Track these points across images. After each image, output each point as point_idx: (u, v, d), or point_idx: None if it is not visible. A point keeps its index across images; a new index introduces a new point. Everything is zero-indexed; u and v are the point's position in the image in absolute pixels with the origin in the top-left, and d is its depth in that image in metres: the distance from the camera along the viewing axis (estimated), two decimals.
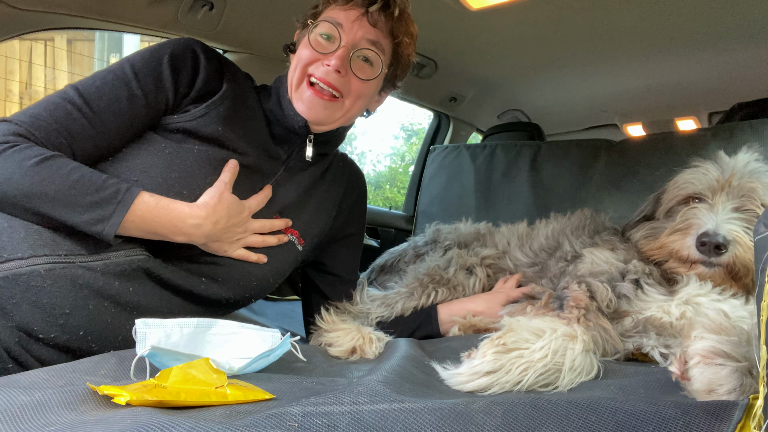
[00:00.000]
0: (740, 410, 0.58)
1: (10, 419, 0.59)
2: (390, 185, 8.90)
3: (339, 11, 1.17)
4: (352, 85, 1.17)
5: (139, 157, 1.05)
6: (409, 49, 1.27)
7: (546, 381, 0.81)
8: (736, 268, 1.05)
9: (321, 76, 1.14)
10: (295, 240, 1.24)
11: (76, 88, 1.02)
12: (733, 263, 1.05)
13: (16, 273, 0.88)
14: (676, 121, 3.10)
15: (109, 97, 1.03)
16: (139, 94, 1.05)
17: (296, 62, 1.18)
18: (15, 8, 1.35)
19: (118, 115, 1.03)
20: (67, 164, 0.94)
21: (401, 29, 1.21)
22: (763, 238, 0.57)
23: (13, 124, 0.96)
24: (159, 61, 1.08)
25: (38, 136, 0.96)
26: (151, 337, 0.82)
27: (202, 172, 1.07)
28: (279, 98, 1.22)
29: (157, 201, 0.98)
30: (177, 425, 0.54)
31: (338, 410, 0.60)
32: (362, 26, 1.16)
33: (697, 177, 1.18)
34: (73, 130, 1.00)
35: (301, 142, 1.24)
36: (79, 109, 1.00)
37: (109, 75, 1.05)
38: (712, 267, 1.07)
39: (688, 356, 0.73)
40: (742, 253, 1.04)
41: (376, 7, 1.16)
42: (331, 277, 1.38)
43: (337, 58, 1.13)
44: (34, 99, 3.76)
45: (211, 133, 1.10)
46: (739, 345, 0.70)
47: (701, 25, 1.91)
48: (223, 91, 1.14)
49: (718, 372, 0.68)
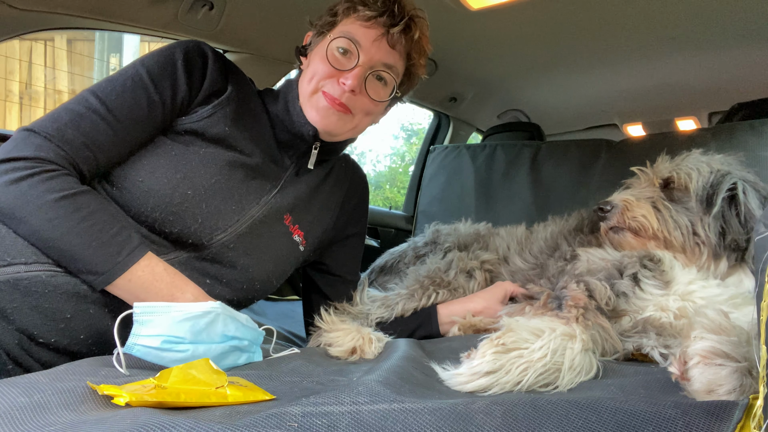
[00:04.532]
0: (740, 410, 0.58)
1: (10, 420, 0.59)
2: (390, 185, 8.90)
3: (359, 27, 1.13)
4: (364, 103, 1.16)
5: (146, 159, 1.04)
6: (422, 69, 1.26)
7: (546, 380, 0.81)
8: (632, 226, 1.21)
9: (335, 96, 1.13)
10: (299, 240, 1.24)
11: (97, 95, 1.00)
12: (621, 223, 1.23)
13: (18, 277, 0.88)
14: (676, 121, 3.11)
15: (130, 104, 1.02)
16: (158, 100, 1.04)
17: (311, 74, 1.15)
18: (15, 8, 1.35)
19: (139, 122, 1.03)
20: (87, 206, 0.92)
21: (418, 50, 1.20)
22: (763, 238, 0.57)
23: (42, 137, 0.93)
24: (174, 65, 1.07)
25: (67, 150, 0.94)
26: (149, 323, 0.82)
27: (207, 172, 1.07)
28: (287, 104, 1.20)
29: (165, 267, 0.97)
30: (177, 425, 0.54)
31: (338, 410, 0.60)
32: (381, 48, 1.14)
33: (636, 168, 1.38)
34: (99, 140, 0.98)
35: (306, 148, 1.23)
36: (104, 119, 0.99)
37: (128, 81, 1.03)
38: (618, 232, 1.24)
39: (687, 357, 0.73)
40: (626, 212, 1.22)
41: (398, 30, 1.13)
42: (332, 277, 1.38)
43: (353, 77, 1.11)
44: (34, 99, 3.77)
45: (218, 133, 1.10)
46: (739, 345, 0.70)
47: (701, 25, 1.91)
48: (229, 93, 1.14)
49: (718, 372, 0.69)
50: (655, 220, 1.19)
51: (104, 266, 0.91)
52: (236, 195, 1.11)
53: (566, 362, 0.83)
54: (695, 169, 1.21)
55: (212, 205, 1.07)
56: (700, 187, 1.19)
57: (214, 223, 1.07)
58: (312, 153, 1.24)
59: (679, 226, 1.18)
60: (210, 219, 1.06)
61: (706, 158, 1.25)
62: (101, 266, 0.91)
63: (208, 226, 1.06)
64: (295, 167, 1.24)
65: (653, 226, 1.18)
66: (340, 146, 1.30)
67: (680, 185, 1.21)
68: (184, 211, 1.04)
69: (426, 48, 1.23)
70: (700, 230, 1.16)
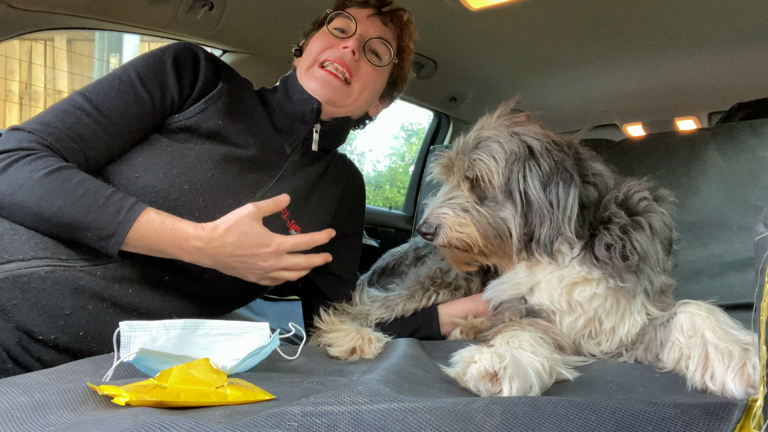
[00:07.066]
0: (739, 410, 0.58)
1: (10, 420, 0.59)
2: (390, 185, 8.88)
3: (354, 8, 1.28)
4: (362, 70, 1.24)
5: (142, 156, 1.06)
6: (410, 57, 1.39)
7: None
8: (460, 246, 1.11)
9: (335, 57, 1.20)
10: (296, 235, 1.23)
11: (83, 94, 1.03)
12: (449, 243, 1.11)
13: (16, 274, 0.88)
14: (676, 121, 3.11)
15: (117, 100, 1.04)
16: (146, 97, 1.07)
17: (308, 54, 1.26)
18: (15, 8, 1.35)
19: (126, 117, 1.05)
20: (75, 176, 0.94)
21: (407, 34, 1.33)
22: (763, 239, 0.57)
23: (26, 132, 0.96)
24: (162, 64, 1.10)
25: (51, 141, 0.96)
26: (136, 340, 0.79)
27: (203, 167, 1.08)
28: (287, 88, 1.27)
29: (163, 220, 0.96)
30: (177, 425, 0.54)
31: (338, 410, 0.60)
32: (374, 22, 1.27)
33: (434, 163, 1.21)
34: (85, 134, 1.00)
35: (307, 132, 1.25)
36: (89, 114, 1.01)
37: (115, 80, 1.06)
38: (449, 248, 1.13)
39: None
40: (450, 232, 1.10)
41: (388, 9, 1.29)
42: (331, 277, 1.38)
43: (353, 41, 1.22)
44: (34, 99, 3.76)
45: (212, 127, 1.11)
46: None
47: (701, 25, 1.91)
48: (220, 88, 1.16)
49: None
50: (479, 238, 1.09)
51: (110, 228, 0.91)
52: (232, 189, 1.11)
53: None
54: (492, 158, 1.09)
55: (209, 199, 1.07)
56: (502, 182, 1.07)
57: (212, 217, 1.07)
58: (313, 137, 1.26)
59: (498, 234, 1.09)
60: (207, 213, 1.07)
61: (504, 135, 1.11)
62: (107, 228, 0.91)
63: (205, 220, 1.06)
64: (296, 154, 1.24)
65: (479, 244, 1.10)
66: (340, 129, 1.32)
67: (485, 182, 1.10)
68: (180, 206, 1.04)
69: (414, 36, 1.36)
70: (513, 231, 1.07)
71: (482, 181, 1.09)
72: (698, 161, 1.87)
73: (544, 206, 1.05)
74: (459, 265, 1.23)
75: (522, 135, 1.10)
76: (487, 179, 1.09)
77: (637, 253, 1.01)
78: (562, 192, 1.04)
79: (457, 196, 1.12)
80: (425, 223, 1.13)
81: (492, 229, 1.09)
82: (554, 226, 1.04)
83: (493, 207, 1.10)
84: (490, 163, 1.08)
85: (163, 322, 0.83)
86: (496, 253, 1.12)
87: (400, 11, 1.32)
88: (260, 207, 1.02)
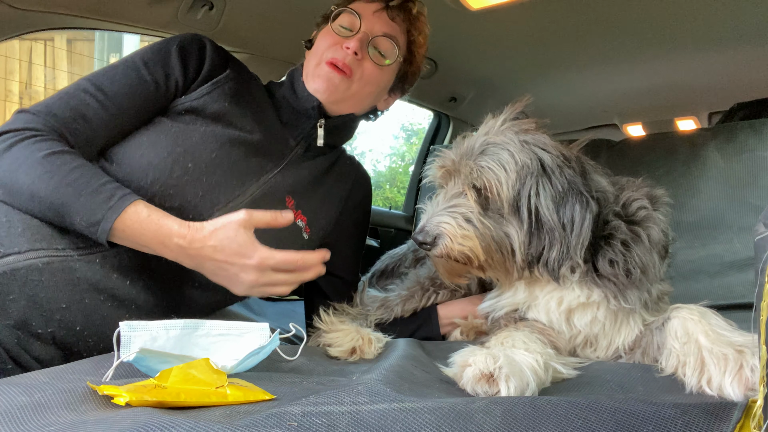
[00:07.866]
0: (739, 410, 0.58)
1: (10, 420, 0.59)
2: (390, 185, 8.88)
3: (359, 4, 1.24)
4: (365, 69, 1.22)
5: (146, 136, 1.07)
6: (422, 50, 1.34)
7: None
8: (460, 258, 1.04)
9: (338, 57, 1.19)
10: (303, 226, 1.23)
11: (89, 78, 1.06)
12: (448, 255, 1.04)
13: (14, 267, 0.88)
14: (676, 121, 3.10)
15: (120, 83, 1.06)
16: (149, 80, 1.09)
17: (315, 51, 1.24)
18: (15, 8, 1.35)
19: (129, 97, 1.07)
20: (74, 161, 0.94)
21: (417, 28, 1.29)
22: (763, 239, 0.57)
23: (31, 114, 0.99)
24: (168, 51, 1.12)
25: (55, 122, 0.99)
26: (136, 340, 0.79)
27: (207, 147, 1.08)
28: (293, 83, 1.26)
29: (150, 213, 0.94)
30: (177, 425, 0.54)
31: (338, 410, 0.60)
32: (381, 18, 1.23)
33: (433, 164, 1.13)
34: (88, 115, 1.02)
35: (311, 127, 1.25)
36: (93, 95, 1.04)
37: (120, 66, 1.09)
38: (447, 259, 1.06)
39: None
40: (450, 243, 1.02)
41: (396, 2, 1.23)
42: (334, 278, 1.38)
43: (356, 40, 1.19)
44: (34, 99, 3.76)
45: (218, 110, 1.12)
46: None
47: (701, 25, 1.91)
48: (228, 73, 1.17)
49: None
50: (482, 252, 1.03)
51: (98, 214, 0.91)
52: (236, 171, 1.11)
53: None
54: (502, 168, 1.01)
55: (213, 179, 1.07)
56: (511, 196, 1.01)
57: (216, 197, 1.07)
58: (318, 132, 1.25)
59: (500, 250, 1.03)
60: (211, 193, 1.07)
61: (513, 144, 1.03)
62: (96, 214, 0.91)
63: (209, 199, 1.06)
64: (300, 147, 1.24)
65: (480, 258, 1.03)
66: (345, 126, 1.31)
67: (492, 193, 1.02)
68: (184, 184, 1.04)
69: (425, 29, 1.31)
70: (517, 249, 1.01)
71: (489, 191, 1.02)
72: (698, 161, 1.87)
73: (556, 228, 0.99)
74: (452, 277, 1.15)
75: (533, 146, 1.04)
76: (495, 190, 1.01)
77: (638, 267, 1.00)
78: (578, 216, 0.98)
79: (460, 205, 1.04)
80: (422, 231, 1.05)
81: (495, 244, 1.02)
82: (564, 249, 0.99)
83: (497, 220, 1.03)
84: (500, 173, 1.01)
85: (163, 322, 0.83)
86: (496, 268, 1.07)
87: (409, 4, 1.27)
88: (253, 216, 0.97)
